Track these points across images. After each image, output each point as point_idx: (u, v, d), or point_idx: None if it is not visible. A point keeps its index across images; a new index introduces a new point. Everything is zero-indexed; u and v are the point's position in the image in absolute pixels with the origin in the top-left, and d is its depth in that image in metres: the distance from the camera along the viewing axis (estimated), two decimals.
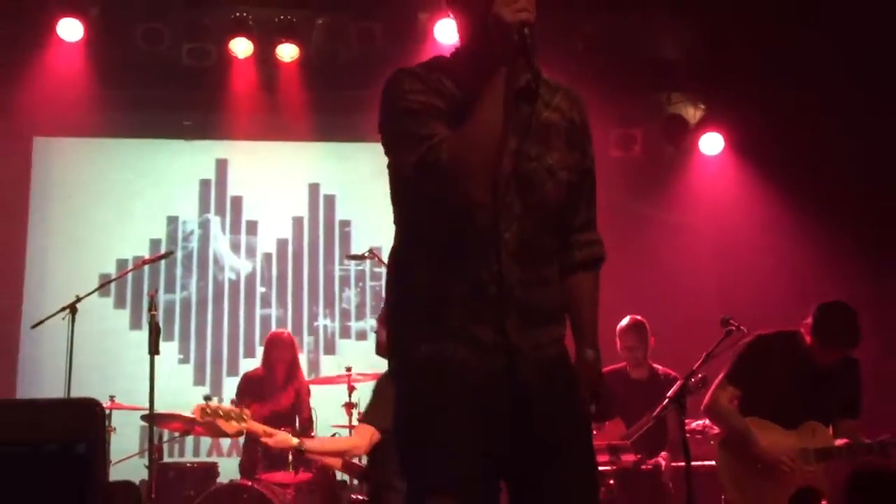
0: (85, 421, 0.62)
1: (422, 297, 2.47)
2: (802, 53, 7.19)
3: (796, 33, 7.11)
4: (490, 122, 2.32)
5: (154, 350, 5.27)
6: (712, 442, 4.95)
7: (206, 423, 5.25)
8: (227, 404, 5.42)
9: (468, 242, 2.41)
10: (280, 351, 6.63)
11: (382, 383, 5.06)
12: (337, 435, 6.27)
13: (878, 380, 5.17)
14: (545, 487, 2.46)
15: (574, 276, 2.62)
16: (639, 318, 5.79)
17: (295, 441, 5.13)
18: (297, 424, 6.46)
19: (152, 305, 5.44)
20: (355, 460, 5.21)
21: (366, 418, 5.03)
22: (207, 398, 5.54)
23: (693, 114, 8.18)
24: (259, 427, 5.29)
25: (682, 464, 4.46)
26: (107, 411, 6.46)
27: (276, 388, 6.49)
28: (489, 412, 2.40)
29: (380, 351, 5.06)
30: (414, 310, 2.49)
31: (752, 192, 7.76)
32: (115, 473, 6.44)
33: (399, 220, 2.57)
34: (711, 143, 7.99)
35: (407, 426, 2.51)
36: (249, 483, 5.86)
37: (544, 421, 2.43)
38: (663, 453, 5.49)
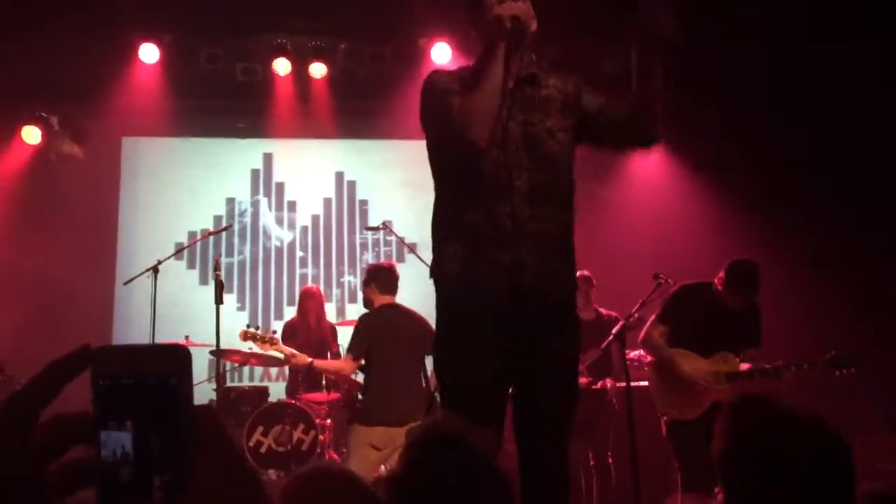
0: (176, 361, 0.63)
1: (454, 229, 2.51)
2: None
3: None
4: (486, 82, 2.39)
5: (219, 300, 5.27)
6: (646, 368, 4.95)
7: (251, 345, 5.33)
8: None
9: (488, 188, 2.45)
10: (310, 302, 6.63)
11: (358, 324, 5.04)
12: None
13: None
14: (540, 392, 2.47)
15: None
16: (585, 272, 5.62)
17: (309, 360, 5.17)
18: (329, 357, 6.47)
19: (217, 266, 5.45)
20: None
21: (348, 349, 5.04)
22: (249, 326, 5.59)
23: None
24: (287, 349, 5.34)
25: (624, 385, 4.50)
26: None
27: (309, 330, 6.49)
28: (503, 324, 2.42)
29: (367, 305, 5.10)
30: (449, 237, 2.52)
31: (679, 171, 7.75)
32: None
33: (435, 175, 2.63)
34: None
35: (437, 331, 2.56)
36: (293, 401, 5.90)
37: (548, 336, 2.45)
38: (609, 378, 5.50)
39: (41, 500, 0.65)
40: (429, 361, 4.81)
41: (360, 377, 5.26)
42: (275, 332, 5.92)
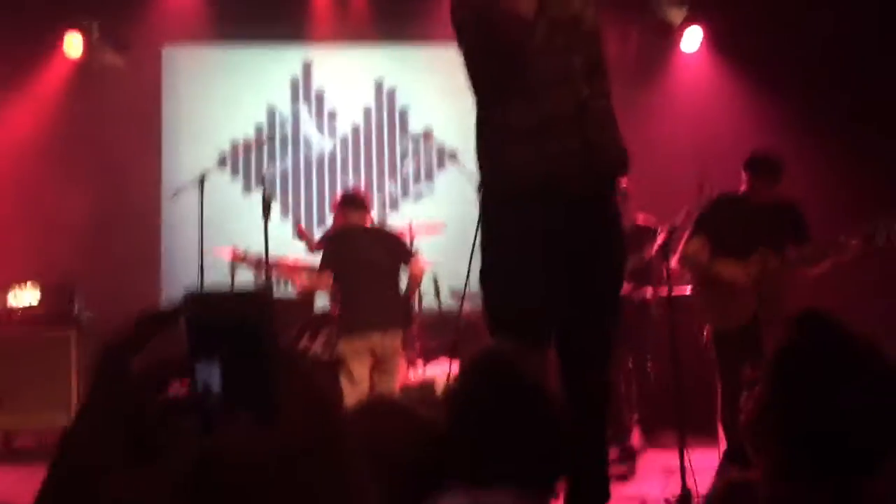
0: (260, 305, 0.69)
1: (513, 131, 2.47)
2: None
3: None
4: None
5: (266, 216, 5.33)
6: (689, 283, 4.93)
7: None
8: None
9: (545, 73, 2.43)
10: None
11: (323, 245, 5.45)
12: None
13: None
14: (585, 317, 2.49)
15: None
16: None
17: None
18: None
19: (263, 183, 5.49)
20: None
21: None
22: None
23: (678, 15, 7.87)
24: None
25: (665, 294, 4.51)
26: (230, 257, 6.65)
27: None
28: (553, 244, 2.43)
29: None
30: (508, 142, 2.47)
31: (726, 81, 7.56)
32: None
33: (477, 86, 2.57)
34: (691, 39, 7.71)
35: (484, 253, 2.54)
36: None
37: (596, 259, 2.50)
38: (649, 286, 5.51)
39: (144, 430, 0.71)
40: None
41: None
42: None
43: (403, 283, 5.56)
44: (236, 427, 0.72)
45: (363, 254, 5.16)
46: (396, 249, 5.33)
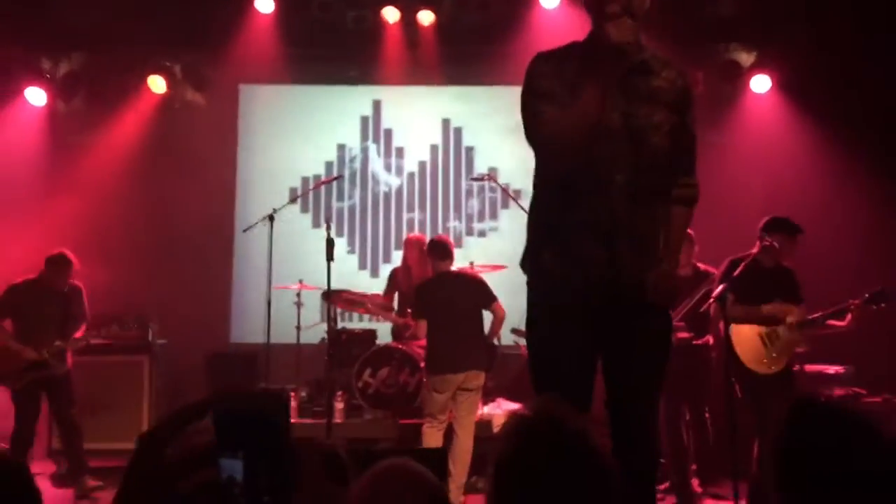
0: (279, 403, 0.77)
1: (550, 229, 2.51)
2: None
3: None
4: (587, 112, 2.34)
5: (330, 257, 5.47)
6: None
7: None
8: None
9: (585, 184, 2.42)
10: (411, 250, 6.83)
11: (417, 291, 5.64)
12: None
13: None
14: (628, 367, 2.51)
15: (673, 209, 2.64)
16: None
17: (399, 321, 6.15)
18: None
19: (328, 225, 5.65)
20: None
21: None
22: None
23: (746, 58, 7.83)
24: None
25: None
26: (297, 290, 6.85)
27: (411, 278, 6.66)
28: (594, 314, 2.46)
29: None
30: (545, 239, 2.53)
31: (794, 124, 7.45)
32: (305, 337, 6.85)
33: (536, 161, 2.61)
34: (761, 83, 7.65)
35: (528, 319, 2.59)
36: (399, 346, 6.15)
37: (638, 319, 2.49)
38: (710, 335, 5.45)
39: None
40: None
41: None
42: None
43: (487, 325, 5.70)
44: None
45: (451, 299, 5.45)
46: (481, 294, 5.51)
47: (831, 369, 5.96)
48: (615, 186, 2.41)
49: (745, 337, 4.90)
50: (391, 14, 7.60)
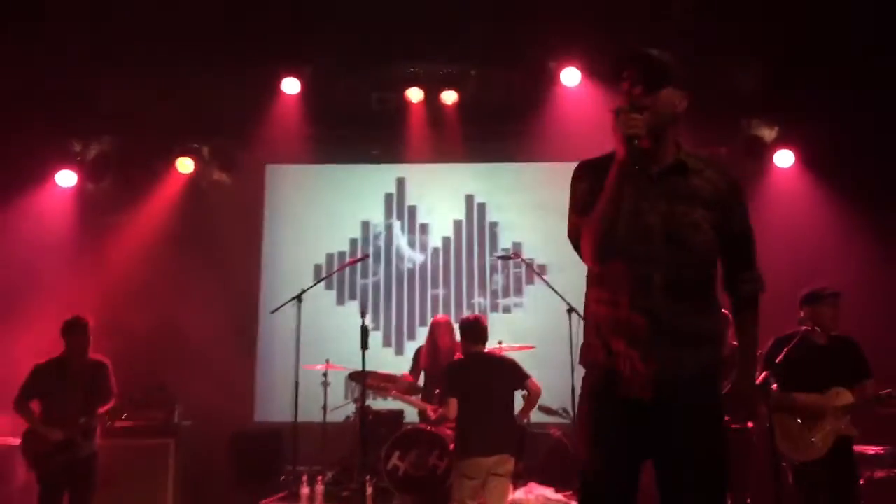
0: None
1: (596, 320, 2.55)
2: (868, 78, 6.75)
3: (864, 60, 6.63)
4: (603, 211, 2.42)
5: (364, 346, 5.44)
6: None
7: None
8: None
9: (624, 283, 2.46)
10: (437, 331, 6.71)
11: (446, 371, 5.49)
12: None
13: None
14: (680, 482, 2.44)
15: (739, 314, 2.67)
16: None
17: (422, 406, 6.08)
18: None
19: (363, 313, 5.62)
20: None
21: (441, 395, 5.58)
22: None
23: (769, 134, 7.86)
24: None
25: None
26: (324, 370, 6.77)
27: (438, 358, 6.56)
28: (635, 419, 2.43)
29: None
30: (592, 328, 2.57)
31: (819, 199, 7.43)
32: (332, 416, 6.75)
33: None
34: (784, 158, 7.67)
35: (577, 413, 2.63)
36: (429, 428, 6.04)
37: (680, 429, 2.43)
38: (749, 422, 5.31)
39: None
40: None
41: None
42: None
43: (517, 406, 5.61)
44: None
45: (484, 382, 5.33)
46: (513, 375, 5.42)
47: (871, 450, 5.78)
48: (654, 285, 2.43)
49: (780, 421, 4.64)
50: (415, 94, 7.72)
